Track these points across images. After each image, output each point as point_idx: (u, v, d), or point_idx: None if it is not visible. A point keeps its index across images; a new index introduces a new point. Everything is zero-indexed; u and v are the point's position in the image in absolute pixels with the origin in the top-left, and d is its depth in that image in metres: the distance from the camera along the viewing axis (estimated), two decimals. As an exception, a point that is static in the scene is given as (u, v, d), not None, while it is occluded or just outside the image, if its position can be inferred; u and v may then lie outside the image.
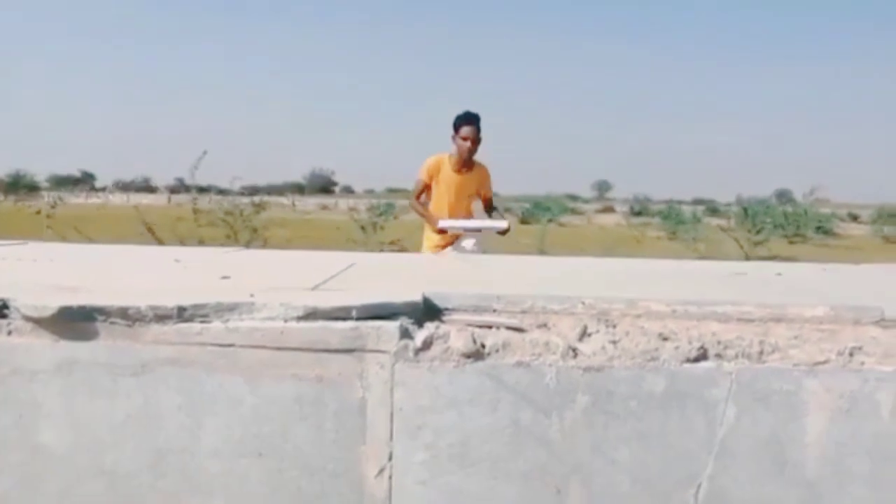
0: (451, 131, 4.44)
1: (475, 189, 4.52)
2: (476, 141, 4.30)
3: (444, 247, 4.44)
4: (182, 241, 7.45)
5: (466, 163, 4.38)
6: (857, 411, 1.24)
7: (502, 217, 4.67)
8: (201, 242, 7.56)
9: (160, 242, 6.87)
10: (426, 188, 4.47)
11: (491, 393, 1.24)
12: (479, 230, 4.35)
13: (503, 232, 4.38)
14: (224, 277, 1.62)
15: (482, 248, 4.42)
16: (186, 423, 1.23)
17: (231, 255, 2.37)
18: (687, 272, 2.23)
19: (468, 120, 4.30)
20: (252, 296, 1.31)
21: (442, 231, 4.35)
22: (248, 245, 9.13)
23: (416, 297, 1.36)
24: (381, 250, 10.73)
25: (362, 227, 11.52)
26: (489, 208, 4.64)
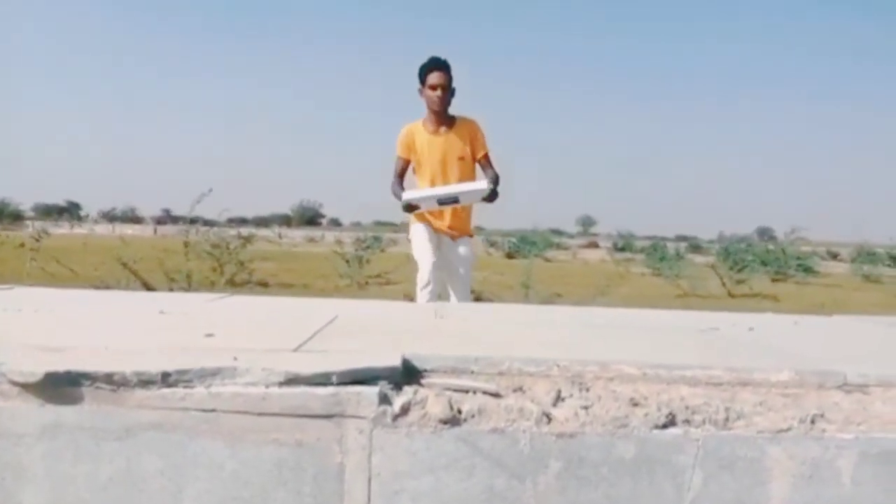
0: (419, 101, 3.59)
1: (462, 149, 3.61)
2: (446, 88, 3.54)
3: (434, 227, 3.68)
4: (169, 275, 7.46)
5: (442, 118, 3.58)
6: (818, 477, 1.29)
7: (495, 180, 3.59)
8: (188, 277, 7.57)
9: (145, 284, 6.88)
10: (406, 166, 3.70)
11: (467, 458, 1.27)
12: (454, 198, 3.38)
13: (489, 198, 3.50)
14: (208, 335, 1.65)
15: (471, 255, 3.77)
16: (168, 487, 1.26)
17: (216, 306, 2.40)
18: (662, 326, 2.29)
19: (435, 65, 3.52)
20: (235, 359, 1.34)
21: (413, 208, 3.52)
22: (233, 278, 9.15)
23: (396, 360, 1.40)
24: (367, 283, 10.80)
25: (347, 262, 11.61)
26: (487, 169, 3.68)
